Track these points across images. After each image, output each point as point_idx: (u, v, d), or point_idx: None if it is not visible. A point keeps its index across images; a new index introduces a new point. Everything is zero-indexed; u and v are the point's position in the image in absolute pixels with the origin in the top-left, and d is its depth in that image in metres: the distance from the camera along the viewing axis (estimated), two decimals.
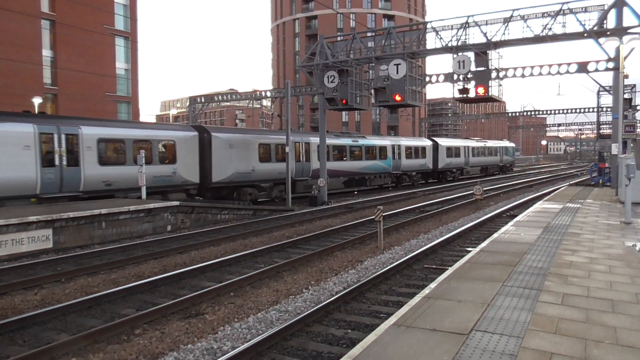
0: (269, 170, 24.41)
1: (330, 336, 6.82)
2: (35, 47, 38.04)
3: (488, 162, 49.63)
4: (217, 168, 21.67)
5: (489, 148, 49.63)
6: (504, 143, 56.33)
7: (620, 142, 19.90)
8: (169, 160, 20.23)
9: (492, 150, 50.47)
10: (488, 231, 14.71)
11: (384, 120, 74.71)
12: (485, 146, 48.80)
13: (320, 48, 24.24)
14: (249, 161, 23.12)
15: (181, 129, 21.57)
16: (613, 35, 18.84)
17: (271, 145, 24.85)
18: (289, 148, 23.21)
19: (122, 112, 45.20)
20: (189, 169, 20.84)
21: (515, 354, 4.31)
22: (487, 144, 50.04)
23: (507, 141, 60.80)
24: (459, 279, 6.86)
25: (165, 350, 6.35)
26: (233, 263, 11.40)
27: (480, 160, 47.42)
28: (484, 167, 48.99)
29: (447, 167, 41.15)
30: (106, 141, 18.20)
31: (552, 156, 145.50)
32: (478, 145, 47.20)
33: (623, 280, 6.75)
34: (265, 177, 24.23)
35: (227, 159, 21.97)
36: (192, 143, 21.06)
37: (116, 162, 18.48)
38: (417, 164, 37.67)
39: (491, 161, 50.33)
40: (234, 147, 22.46)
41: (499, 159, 52.30)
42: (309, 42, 69.20)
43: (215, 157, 21.67)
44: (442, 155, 40.18)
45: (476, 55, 20.25)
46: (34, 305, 8.39)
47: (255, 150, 23.61)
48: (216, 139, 21.86)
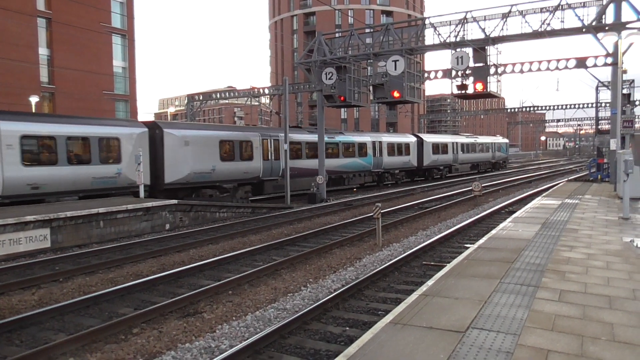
0: (232, 169, 22.55)
1: (329, 334, 6.82)
2: (31, 45, 37.95)
3: (479, 159, 48.18)
4: (171, 168, 19.77)
5: (480, 144, 48.16)
6: (497, 139, 54.69)
7: (619, 137, 19.89)
8: (112, 159, 18.17)
9: (484, 146, 49.04)
10: (486, 227, 14.72)
11: (383, 117, 74.65)
12: (475, 142, 47.22)
13: (318, 45, 24.20)
14: (208, 160, 21.20)
15: (128, 124, 19.63)
16: (611, 30, 18.83)
17: (234, 143, 22.80)
18: (286, 145, 23.16)
19: (120, 110, 45.17)
20: None
21: (511, 352, 4.30)
22: (477, 139, 48.35)
23: (500, 137, 59.19)
24: (456, 276, 6.85)
25: (163, 350, 6.35)
26: (231, 261, 11.39)
27: (470, 157, 45.89)
28: (475, 164, 47.58)
29: (434, 164, 39.54)
30: (32, 138, 16.10)
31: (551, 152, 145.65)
32: (468, 141, 45.72)
33: (620, 277, 6.74)
34: (227, 177, 22.36)
35: (183, 158, 20.08)
36: (141, 140, 18.98)
37: (45, 162, 16.35)
38: (400, 162, 35.93)
39: (482, 158, 48.85)
40: (190, 144, 20.58)
41: (491, 155, 50.83)
42: (307, 38, 69.08)
43: (169, 155, 19.72)
44: (427, 152, 38.46)
45: (474, 51, 20.22)
46: (32, 305, 8.37)
47: (215, 147, 21.68)
48: (169, 136, 19.93)
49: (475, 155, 46.83)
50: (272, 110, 47.14)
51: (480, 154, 48.06)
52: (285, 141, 23.18)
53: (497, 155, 52.15)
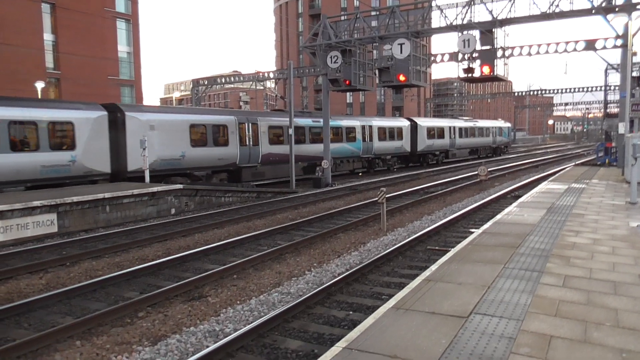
0: (204, 156, 21.16)
1: (332, 318, 6.85)
2: (36, 31, 37.88)
3: (478, 144, 46.18)
4: (135, 155, 18.25)
5: (479, 128, 46.12)
6: (498, 122, 52.82)
7: (628, 121, 19.65)
8: (66, 146, 16.72)
9: (483, 130, 46.98)
10: (492, 212, 14.67)
11: (389, 101, 74.19)
12: (475, 126, 45.30)
13: (323, 28, 23.95)
14: (177, 146, 19.77)
15: (84, 107, 17.70)
16: (622, 11, 18.48)
17: (207, 127, 21.41)
18: (291, 130, 23.08)
19: (126, 95, 45.19)
20: (95, 157, 17.40)
21: (514, 337, 4.30)
22: (477, 123, 46.38)
23: (502, 120, 57.02)
24: (460, 261, 6.84)
25: (168, 333, 6.41)
26: (236, 245, 11.44)
27: (469, 141, 44.04)
28: (474, 148, 45.77)
29: (429, 149, 37.77)
30: None
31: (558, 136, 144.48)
32: (466, 125, 43.81)
33: (626, 262, 6.70)
34: (199, 165, 21.00)
35: (148, 144, 18.37)
36: (99, 125, 17.56)
37: None
38: (392, 147, 34.19)
39: (482, 142, 46.88)
40: (156, 129, 19.19)
41: (492, 140, 48.94)
42: (312, 22, 68.41)
43: (132, 141, 18.28)
44: (421, 137, 36.70)
45: (481, 34, 19.93)
46: (39, 289, 8.47)
47: (185, 132, 20.29)
48: (132, 120, 18.50)
49: (474, 139, 45.12)
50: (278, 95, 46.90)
51: (480, 138, 46.32)
52: (290, 126, 23.09)
53: (498, 140, 50.49)
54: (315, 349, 5.86)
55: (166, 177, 19.74)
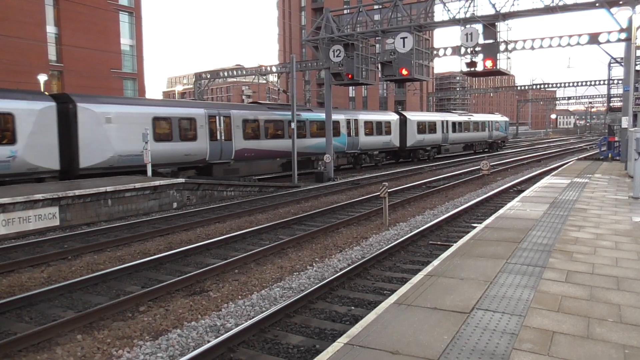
0: (170, 151, 19.69)
1: (334, 313, 6.84)
2: (39, 23, 37.81)
3: (473, 139, 44.64)
4: (88, 150, 16.91)
5: (474, 122, 44.40)
6: (494, 117, 51.10)
7: (631, 115, 19.54)
8: (6, 140, 15.28)
9: (479, 124, 45.31)
10: (494, 207, 14.63)
11: (391, 95, 73.96)
12: (469, 120, 43.58)
13: (326, 22, 23.83)
14: (138, 140, 17.87)
15: (28, 97, 16.14)
16: (626, 4, 18.33)
17: (172, 120, 19.87)
18: (294, 124, 23.01)
19: (128, 88, 45.14)
20: (40, 152, 15.90)
21: (516, 333, 4.27)
22: (472, 118, 44.82)
23: (499, 115, 55.16)
24: (462, 256, 6.81)
25: (169, 327, 6.41)
26: (238, 240, 11.43)
27: (463, 136, 42.40)
28: (469, 143, 44.23)
29: (419, 144, 36.23)
30: None
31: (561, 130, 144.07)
32: (460, 119, 42.20)
33: (629, 257, 6.67)
34: (164, 161, 19.45)
35: (104, 138, 17.22)
36: (46, 117, 16.02)
37: None
38: (380, 142, 32.72)
39: (477, 137, 45.28)
40: (114, 122, 17.70)
41: (488, 135, 47.24)
42: (315, 15, 68.11)
43: (84, 135, 16.82)
44: (411, 131, 35.18)
45: (484, 28, 19.81)
46: (41, 282, 8.48)
47: (147, 126, 18.64)
48: (85, 112, 16.94)
49: (468, 134, 43.47)
50: (280, 89, 46.81)
51: (475, 133, 44.70)
52: (292, 119, 23.02)
53: (494, 135, 48.86)
54: (317, 344, 5.85)
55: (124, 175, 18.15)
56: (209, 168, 21.54)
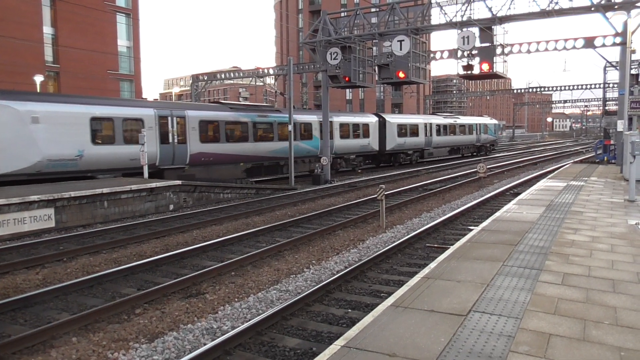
0: (111, 155, 17.81)
1: (331, 316, 6.83)
2: (36, 24, 37.73)
3: (460, 142, 42.50)
4: (7, 154, 15.18)
5: (461, 125, 42.49)
6: (483, 119, 49.03)
7: (626, 118, 19.65)
8: None
9: (466, 127, 43.32)
10: (491, 209, 14.66)
11: (388, 97, 74.10)
12: (455, 123, 41.63)
13: (323, 24, 23.87)
14: (72, 143, 16.36)
15: None
16: (621, 9, 18.43)
17: (114, 121, 17.92)
18: (291, 127, 23.00)
19: (125, 90, 45.06)
20: None
21: (513, 335, 4.28)
22: (458, 120, 42.76)
23: (489, 117, 52.99)
24: (459, 259, 6.82)
25: (165, 330, 6.38)
26: (235, 242, 11.41)
27: (448, 139, 40.40)
28: (455, 147, 42.06)
29: (400, 148, 34.23)
30: None
31: (557, 133, 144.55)
32: (445, 122, 40.16)
33: (625, 259, 6.69)
34: (104, 166, 17.62)
35: (28, 140, 15.38)
36: None
37: None
38: (357, 145, 30.55)
39: (464, 141, 43.11)
40: (42, 122, 15.82)
41: (476, 138, 45.03)
42: (313, 18, 68.22)
43: (4, 137, 15.11)
44: (391, 134, 33.19)
45: (481, 31, 19.87)
46: (36, 284, 8.43)
47: (84, 127, 16.81)
48: (4, 110, 15.17)
49: (454, 137, 41.43)
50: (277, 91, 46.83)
51: (462, 136, 42.68)
52: (290, 122, 23.02)
53: (482, 138, 46.60)
54: (314, 347, 5.83)
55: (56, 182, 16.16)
56: (159, 174, 19.54)
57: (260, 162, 23.80)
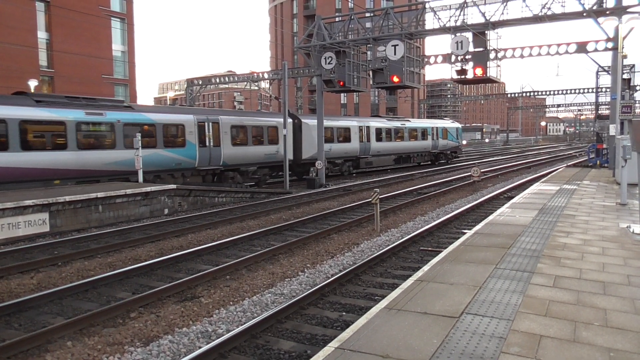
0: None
1: (325, 319, 6.87)
2: (30, 29, 37.65)
3: (410, 149, 36.65)
4: None
5: (411, 129, 36.72)
6: (442, 122, 42.72)
7: (618, 122, 19.83)
8: None
9: (418, 132, 37.50)
10: (484, 213, 14.75)
11: (383, 102, 74.39)
12: (403, 127, 35.79)
13: (318, 29, 23.98)
14: None
15: None
16: (612, 14, 18.65)
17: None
18: (285, 130, 23.05)
19: (120, 94, 44.97)
20: None
21: (504, 337, 4.34)
22: (407, 124, 36.74)
23: (450, 120, 46.89)
24: (452, 262, 6.88)
25: (160, 334, 6.40)
26: (230, 246, 11.43)
27: (393, 146, 34.61)
28: (404, 155, 36.18)
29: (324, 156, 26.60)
30: None
31: (551, 137, 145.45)
32: (388, 125, 34.33)
33: (616, 262, 6.77)
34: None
35: None
36: None
37: None
38: (260, 154, 24.25)
39: (416, 147, 37.23)
40: None
41: (431, 144, 39.06)
42: (307, 23, 68.44)
43: None
44: (310, 140, 26.91)
45: (474, 36, 20.03)
46: (30, 289, 8.43)
47: None
48: None
49: (402, 144, 35.65)
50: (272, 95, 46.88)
51: (413, 142, 36.91)
52: (284, 126, 23.08)
53: (441, 144, 40.44)
54: (308, 349, 5.87)
55: None
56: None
57: (100, 178, 18.15)
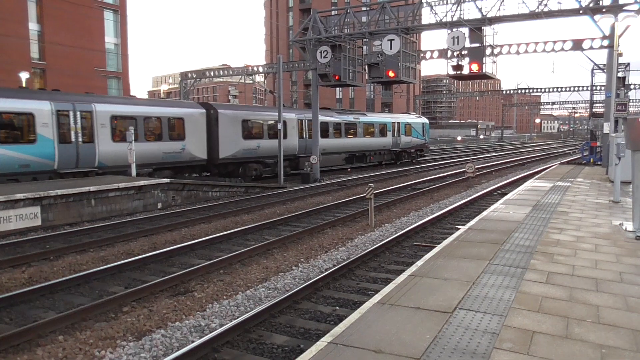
0: None
1: (319, 313, 6.86)
2: (21, 20, 37.25)
3: (365, 147, 32.08)
4: None
5: (366, 124, 32.24)
6: (405, 117, 37.45)
7: (612, 120, 19.89)
8: None
9: (375, 127, 33.07)
10: (478, 209, 14.78)
11: (378, 97, 74.35)
12: (356, 121, 31.32)
13: (313, 23, 23.88)
14: None
15: None
16: (609, 12, 18.68)
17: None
18: (280, 125, 22.98)
19: (113, 87, 44.68)
20: None
21: (497, 332, 4.34)
22: (363, 118, 32.31)
23: (415, 115, 41.14)
24: (446, 257, 6.88)
25: (152, 328, 6.37)
26: (223, 240, 11.39)
27: (343, 143, 29.87)
28: (357, 153, 31.54)
29: (248, 155, 23.77)
30: None
31: (545, 134, 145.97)
32: (338, 119, 29.77)
33: (608, 259, 6.80)
34: None
35: None
36: None
37: None
38: (158, 153, 19.79)
39: (372, 145, 32.80)
40: None
41: (391, 142, 34.61)
42: (303, 16, 68.15)
43: None
44: (229, 135, 22.71)
45: (471, 32, 20.03)
46: (22, 283, 8.36)
47: None
48: None
49: (355, 141, 30.96)
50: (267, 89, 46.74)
51: (368, 139, 32.36)
52: (279, 120, 23.00)
53: (403, 142, 35.88)
54: (302, 344, 5.86)
55: None
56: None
57: None
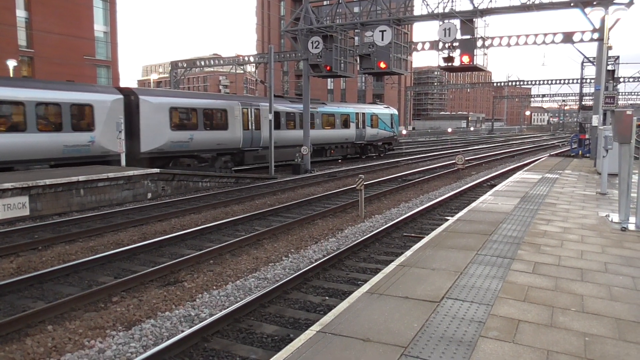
0: None
1: (308, 303, 6.91)
2: (8, 6, 36.68)
3: (323, 140, 29.06)
4: None
5: (326, 115, 29.42)
6: (372, 107, 34.60)
7: (601, 113, 20.08)
8: None
9: (336, 118, 30.22)
10: (467, 200, 14.89)
11: (370, 88, 74.28)
12: (315, 111, 28.27)
13: (305, 13, 23.76)
14: None
15: None
16: (599, 5, 18.77)
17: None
18: (271, 115, 22.89)
19: (102, 76, 44.21)
20: None
21: (483, 321, 4.41)
22: (321, 108, 29.29)
23: (383, 105, 37.57)
24: (434, 247, 6.95)
25: (142, 317, 6.38)
26: (214, 231, 11.39)
27: (299, 135, 25.58)
28: (318, 147, 28.47)
29: (179, 149, 20.48)
30: None
31: (535, 127, 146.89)
32: (292, 109, 27.20)
33: (594, 250, 6.90)
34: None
35: None
36: None
37: None
38: (57, 146, 16.55)
39: (333, 137, 29.93)
40: None
41: (355, 134, 31.77)
42: (295, 6, 67.72)
43: None
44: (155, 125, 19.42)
45: (462, 23, 20.04)
46: (10, 273, 8.31)
47: None
48: None
49: (313, 133, 26.40)
50: (258, 79, 46.47)
51: (328, 131, 29.50)
52: (270, 111, 22.92)
53: (368, 134, 32.96)
54: (291, 333, 5.91)
55: None
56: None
57: None
